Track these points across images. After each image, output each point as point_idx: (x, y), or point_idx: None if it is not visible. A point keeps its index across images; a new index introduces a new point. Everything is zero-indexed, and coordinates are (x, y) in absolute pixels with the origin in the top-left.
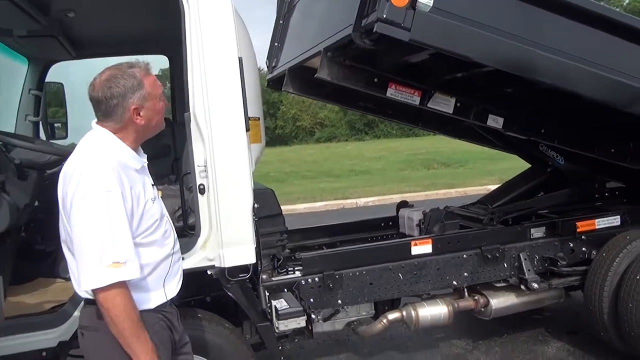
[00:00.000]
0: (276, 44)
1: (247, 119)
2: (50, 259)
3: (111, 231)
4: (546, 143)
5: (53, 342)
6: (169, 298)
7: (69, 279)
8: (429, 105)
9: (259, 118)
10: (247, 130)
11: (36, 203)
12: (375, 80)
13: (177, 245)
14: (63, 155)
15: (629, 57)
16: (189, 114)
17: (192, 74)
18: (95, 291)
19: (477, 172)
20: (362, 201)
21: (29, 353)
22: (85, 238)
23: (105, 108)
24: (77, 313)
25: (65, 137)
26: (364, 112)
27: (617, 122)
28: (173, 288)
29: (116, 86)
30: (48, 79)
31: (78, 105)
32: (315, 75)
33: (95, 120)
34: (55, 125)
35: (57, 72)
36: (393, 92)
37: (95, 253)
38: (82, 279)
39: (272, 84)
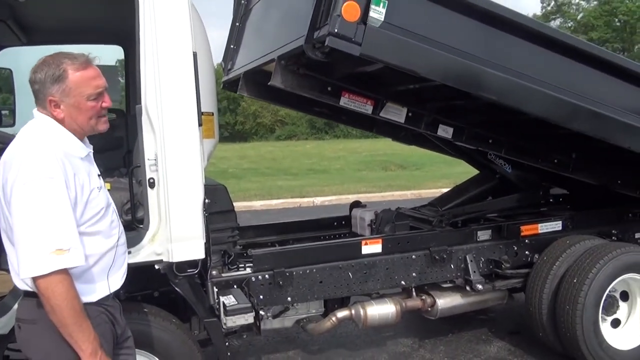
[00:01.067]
0: (232, 46)
1: (200, 113)
2: None
3: (54, 217)
4: (494, 152)
5: None
6: (112, 290)
7: (9, 271)
8: (381, 114)
9: (212, 113)
10: (200, 125)
11: None
12: (329, 89)
13: (123, 238)
14: (5, 142)
15: (570, 74)
16: (140, 106)
17: (145, 66)
18: (36, 279)
19: (432, 175)
20: (318, 200)
21: None
22: (26, 225)
23: (32, 90)
24: (17, 306)
25: (13, 124)
26: (319, 116)
27: (561, 134)
28: (117, 281)
29: (40, 72)
30: None
31: (28, 93)
32: (269, 83)
33: (36, 107)
34: (3, 112)
35: (7, 58)
36: (346, 101)
37: (37, 240)
38: (22, 266)
39: (228, 86)
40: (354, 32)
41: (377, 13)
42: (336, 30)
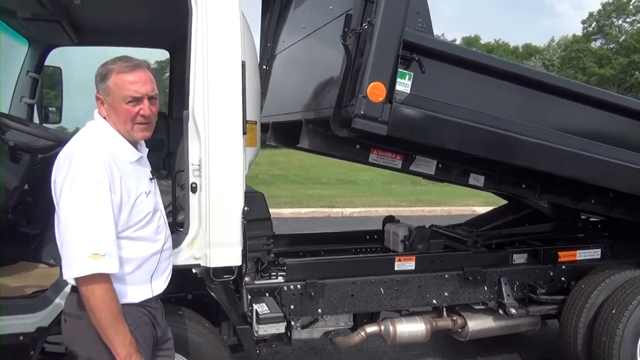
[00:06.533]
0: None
1: (245, 122)
2: (35, 243)
3: (94, 222)
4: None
5: (31, 327)
6: (155, 294)
7: (52, 265)
8: (411, 168)
9: (255, 122)
10: (244, 133)
11: (26, 186)
12: (357, 147)
13: (169, 242)
14: (58, 141)
15: (605, 129)
16: (188, 112)
17: (194, 73)
18: (77, 280)
19: (463, 192)
20: (347, 211)
21: (5, 336)
22: (69, 227)
23: None
24: (58, 300)
25: (59, 121)
26: (348, 160)
27: None
28: (160, 284)
29: (97, 70)
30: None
31: (73, 91)
32: (297, 146)
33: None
34: (50, 109)
35: (57, 57)
36: (375, 158)
37: (78, 242)
38: (64, 267)
39: None
40: (380, 112)
41: (403, 86)
42: (362, 112)
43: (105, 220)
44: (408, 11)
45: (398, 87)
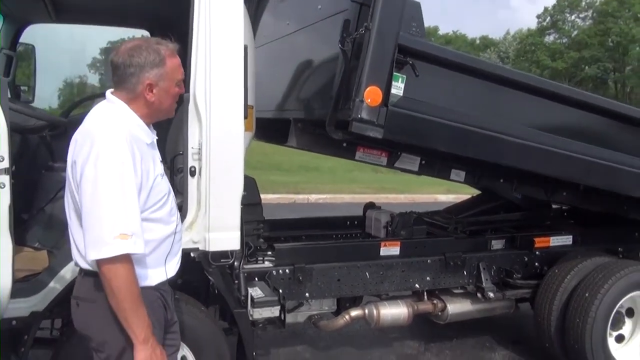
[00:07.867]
0: None
1: (247, 106)
2: (21, 226)
3: (121, 202)
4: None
5: (25, 312)
6: (169, 276)
7: (37, 248)
8: (395, 165)
9: (252, 106)
10: (245, 117)
11: (13, 167)
12: (344, 145)
13: (180, 225)
14: (49, 121)
15: (587, 129)
16: (188, 94)
17: (197, 57)
18: (99, 261)
19: (424, 181)
20: (313, 197)
21: None
22: (95, 207)
23: (121, 75)
24: (52, 284)
25: (32, 101)
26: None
27: None
28: (173, 267)
29: (138, 56)
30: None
31: (46, 70)
32: (284, 144)
33: (111, 90)
34: (22, 88)
35: (30, 34)
36: (361, 155)
37: (105, 223)
38: (89, 249)
39: None
40: (376, 116)
41: (397, 89)
42: (359, 116)
43: (131, 200)
44: (403, 16)
45: (392, 90)
